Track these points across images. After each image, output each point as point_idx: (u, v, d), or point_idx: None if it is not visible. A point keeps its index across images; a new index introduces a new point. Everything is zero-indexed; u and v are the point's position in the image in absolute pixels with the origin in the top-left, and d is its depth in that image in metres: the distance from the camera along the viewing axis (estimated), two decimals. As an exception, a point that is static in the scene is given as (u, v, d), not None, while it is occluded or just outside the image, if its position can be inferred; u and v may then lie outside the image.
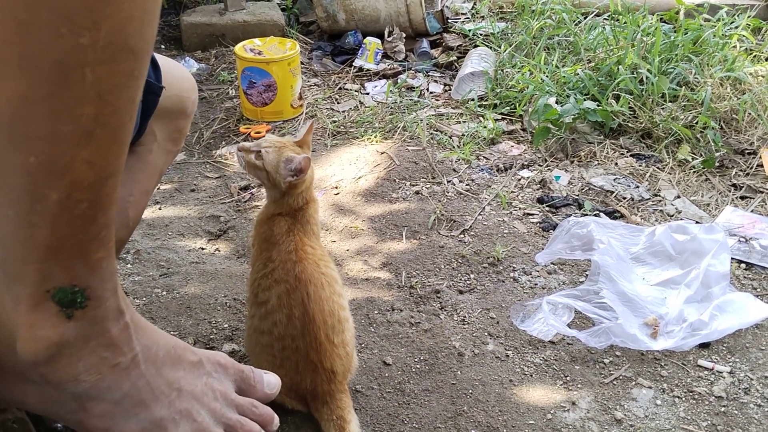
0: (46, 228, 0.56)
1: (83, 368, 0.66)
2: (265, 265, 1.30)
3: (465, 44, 3.11)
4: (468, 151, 2.28)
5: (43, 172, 0.53)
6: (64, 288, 0.61)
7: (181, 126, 1.12)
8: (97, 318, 0.65)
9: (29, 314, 0.61)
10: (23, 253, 0.58)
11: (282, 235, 1.32)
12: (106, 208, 0.59)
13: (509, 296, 1.68)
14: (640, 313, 1.56)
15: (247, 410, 0.77)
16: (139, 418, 0.69)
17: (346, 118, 2.59)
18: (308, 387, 1.28)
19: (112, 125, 0.54)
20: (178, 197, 2.13)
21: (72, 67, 0.49)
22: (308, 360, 1.26)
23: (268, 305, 1.27)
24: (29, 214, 0.55)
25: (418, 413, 1.38)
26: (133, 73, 0.53)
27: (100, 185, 0.57)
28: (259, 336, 1.29)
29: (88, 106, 0.52)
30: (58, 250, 0.58)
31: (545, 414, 1.38)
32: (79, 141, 0.53)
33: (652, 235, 1.75)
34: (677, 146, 2.27)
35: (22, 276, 0.60)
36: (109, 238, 0.61)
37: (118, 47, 0.51)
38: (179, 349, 0.74)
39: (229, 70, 2.95)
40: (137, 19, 0.50)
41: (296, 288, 1.25)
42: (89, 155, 0.54)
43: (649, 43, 2.53)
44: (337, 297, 1.30)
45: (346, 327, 1.32)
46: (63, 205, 0.55)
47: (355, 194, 2.11)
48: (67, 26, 0.47)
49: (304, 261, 1.28)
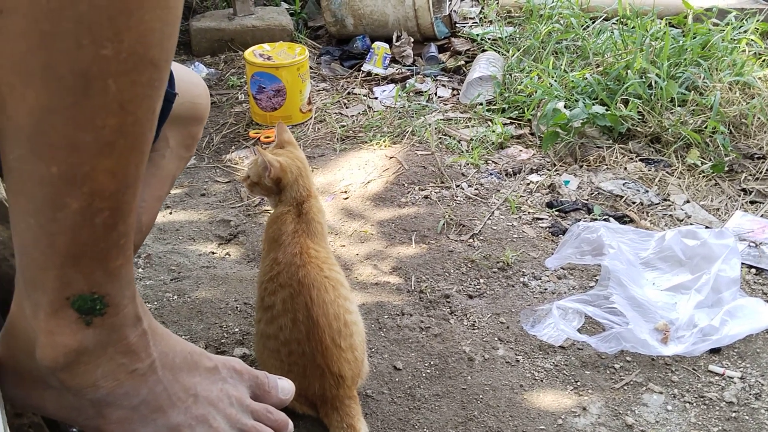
0: (66, 236, 0.57)
1: (101, 375, 0.66)
2: (272, 267, 1.32)
3: (473, 49, 3.12)
4: (477, 156, 2.29)
5: (65, 181, 0.54)
6: (83, 295, 0.61)
7: (194, 132, 1.13)
8: (115, 325, 0.65)
9: (49, 321, 0.62)
10: (43, 260, 0.59)
11: (288, 235, 1.33)
12: (126, 216, 0.60)
13: (519, 301, 1.68)
14: (651, 319, 1.56)
15: (262, 416, 0.77)
16: (156, 424, 0.70)
17: (354, 122, 2.60)
18: (317, 392, 1.28)
19: (133, 135, 0.55)
20: (188, 202, 2.14)
21: (94, 78, 0.50)
22: (315, 364, 1.26)
23: (274, 310, 1.28)
24: (50, 222, 0.56)
25: (429, 418, 1.38)
26: (153, 84, 0.54)
27: (120, 194, 0.57)
28: (266, 341, 1.30)
29: (111, 116, 0.52)
30: (78, 258, 0.59)
31: (556, 419, 1.38)
32: (101, 151, 0.53)
33: (662, 240, 1.75)
34: (686, 151, 2.27)
35: (42, 283, 0.60)
36: (128, 245, 0.62)
37: (139, 58, 0.51)
38: (195, 355, 0.74)
39: (238, 75, 2.96)
40: (158, 30, 0.51)
41: (299, 292, 1.26)
42: (110, 165, 0.55)
43: (658, 47, 2.53)
44: (343, 300, 1.31)
45: (354, 331, 1.32)
46: (84, 213, 0.56)
47: (364, 199, 2.12)
48: (89, 37, 0.48)
49: (308, 265, 1.29)
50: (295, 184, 1.38)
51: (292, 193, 1.38)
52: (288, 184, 1.37)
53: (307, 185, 1.40)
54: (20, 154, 0.53)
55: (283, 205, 1.38)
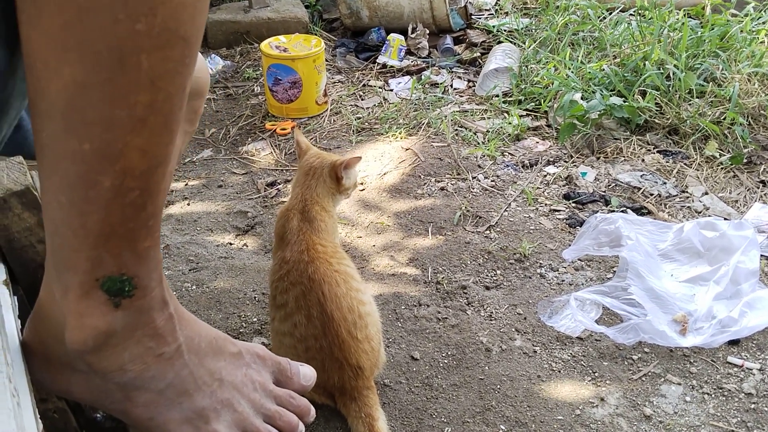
0: (98, 215, 0.57)
1: (129, 358, 0.67)
2: (281, 266, 1.33)
3: (489, 40, 3.11)
4: (493, 147, 2.28)
5: (97, 158, 0.54)
6: (113, 277, 0.61)
7: (196, 106, 1.15)
8: (143, 308, 0.65)
9: (78, 302, 0.62)
10: (74, 240, 0.59)
11: (293, 233, 1.36)
12: (155, 197, 0.60)
13: (536, 292, 1.68)
14: (669, 310, 1.56)
15: (285, 401, 0.78)
16: (182, 407, 0.70)
17: (370, 114, 2.60)
18: (336, 384, 1.29)
19: (164, 112, 0.55)
20: (206, 193, 2.15)
21: (128, 53, 0.50)
22: (333, 358, 1.27)
23: (287, 308, 1.30)
24: (82, 200, 0.56)
25: (447, 408, 1.39)
26: (184, 60, 0.54)
27: (150, 173, 0.57)
28: (282, 337, 1.31)
29: (143, 92, 0.52)
30: (109, 238, 0.59)
31: (574, 410, 1.38)
32: (134, 127, 0.53)
33: (681, 232, 1.74)
34: (704, 142, 2.26)
35: (72, 264, 0.61)
36: (156, 227, 0.62)
37: (172, 33, 0.51)
38: (220, 340, 0.75)
39: (254, 67, 2.97)
40: (191, 5, 0.51)
41: (311, 289, 1.27)
42: (142, 142, 0.55)
43: (676, 38, 2.51)
44: (355, 293, 1.32)
45: (369, 322, 1.33)
46: (115, 192, 0.56)
47: (380, 190, 2.12)
48: (124, 12, 0.48)
49: (316, 261, 1.30)
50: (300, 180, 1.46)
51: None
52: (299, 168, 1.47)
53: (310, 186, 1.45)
54: (53, 130, 0.54)
55: (289, 201, 1.44)
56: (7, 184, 0.76)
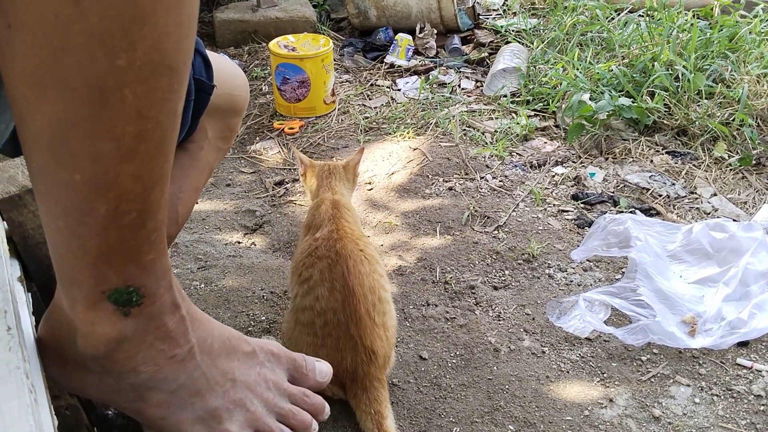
0: (96, 238, 0.57)
1: (141, 360, 0.67)
2: (309, 245, 1.37)
3: (496, 40, 3.11)
4: (501, 148, 2.28)
5: (89, 188, 0.53)
6: (119, 288, 0.61)
7: (232, 124, 1.13)
8: (153, 313, 0.66)
9: (87, 313, 0.63)
10: (75, 260, 0.59)
11: (324, 217, 1.41)
12: (155, 214, 0.59)
13: (545, 293, 1.68)
14: (678, 311, 1.55)
15: (299, 399, 0.78)
16: (194, 408, 0.71)
17: (378, 114, 2.60)
18: (348, 367, 1.29)
19: (155, 139, 0.54)
20: (214, 192, 2.16)
21: (110, 89, 0.48)
22: (349, 335, 1.28)
23: (311, 281, 1.31)
24: (79, 226, 0.56)
25: (455, 407, 1.39)
26: (172, 87, 0.52)
27: (146, 195, 0.57)
28: (301, 314, 1.32)
29: (130, 124, 0.51)
30: (110, 257, 0.59)
31: (582, 410, 1.38)
32: (124, 157, 0.52)
33: (690, 233, 1.74)
34: (713, 144, 2.25)
35: (77, 280, 0.61)
36: (160, 239, 0.62)
37: (156, 65, 0.49)
38: (233, 339, 0.75)
39: (262, 67, 2.97)
40: (174, 33, 0.49)
41: (337, 262, 1.30)
42: (134, 170, 0.54)
43: (685, 39, 2.50)
44: (378, 276, 1.34)
45: (388, 310, 1.34)
46: (111, 216, 0.55)
47: (388, 190, 2.12)
48: (102, 50, 0.47)
49: (344, 238, 1.34)
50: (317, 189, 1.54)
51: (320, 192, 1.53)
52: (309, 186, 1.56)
53: (333, 187, 1.52)
54: (42, 162, 0.53)
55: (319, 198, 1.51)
56: (22, 180, 0.76)
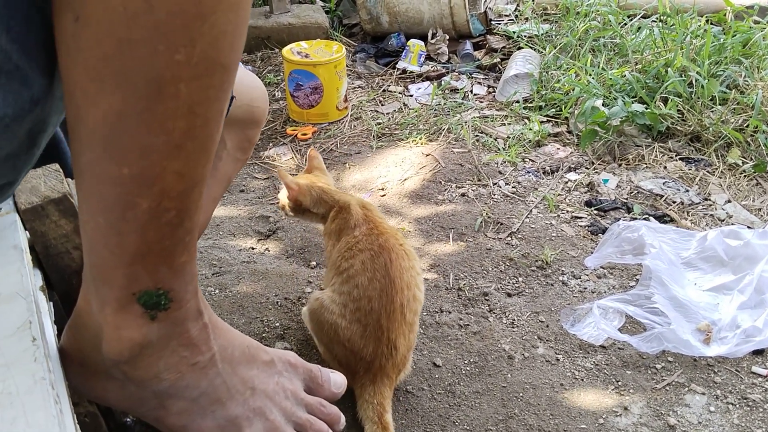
0: (135, 235, 0.58)
1: (164, 367, 0.68)
2: (348, 242, 1.38)
3: (509, 46, 3.11)
4: (514, 154, 2.28)
5: (135, 182, 0.55)
6: (149, 291, 0.63)
7: (250, 135, 1.14)
8: (178, 319, 0.67)
9: (115, 315, 0.64)
10: (112, 258, 0.60)
11: (358, 217, 1.42)
12: (192, 215, 0.61)
13: (558, 300, 1.68)
14: (693, 319, 1.55)
15: (316, 409, 0.79)
16: (215, 416, 0.72)
17: (390, 119, 2.60)
18: (367, 357, 1.30)
19: (201, 137, 0.56)
20: (228, 198, 2.17)
21: (167, 83, 0.50)
22: (378, 324, 1.28)
23: (351, 270, 1.33)
24: (120, 221, 0.57)
25: (469, 415, 1.39)
26: (223, 86, 0.54)
27: (187, 194, 0.58)
28: (337, 296, 1.33)
29: (180, 120, 0.53)
30: (145, 255, 0.60)
31: (597, 418, 1.37)
32: (171, 153, 0.54)
33: (704, 240, 1.73)
34: (727, 150, 2.25)
35: (109, 280, 0.62)
36: (192, 242, 0.63)
37: (211, 62, 0.52)
38: (253, 348, 0.76)
39: (275, 73, 2.98)
40: (230, 33, 0.52)
41: (380, 254, 1.32)
42: (179, 166, 0.56)
43: (698, 45, 2.50)
44: (416, 274, 1.36)
45: (418, 311, 1.36)
46: (152, 213, 0.57)
47: (401, 196, 2.13)
48: (164, 43, 0.48)
49: (386, 234, 1.36)
50: (319, 203, 1.50)
51: (320, 212, 1.50)
52: (310, 205, 1.50)
53: (336, 199, 1.50)
54: (93, 156, 0.54)
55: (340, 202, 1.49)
56: (45, 191, 0.77)
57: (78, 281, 0.76)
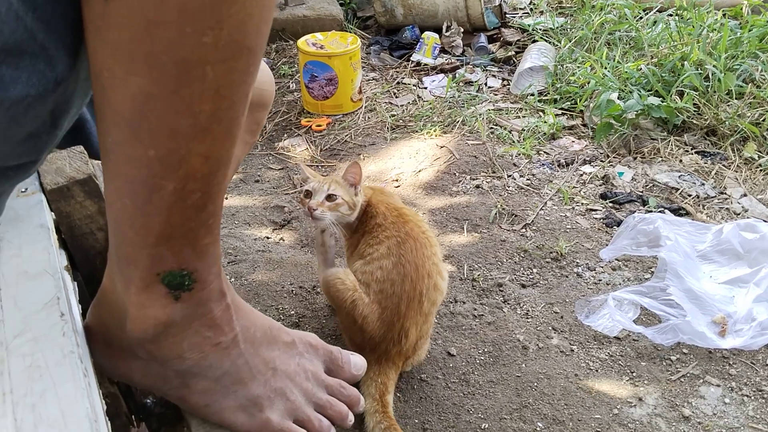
0: (160, 217, 0.58)
1: (187, 347, 0.69)
2: (373, 228, 1.40)
3: (523, 39, 3.10)
4: (528, 146, 2.28)
5: (161, 164, 0.55)
6: (173, 272, 0.63)
7: (258, 118, 1.15)
8: (202, 299, 0.67)
9: (140, 295, 0.64)
10: (137, 239, 0.61)
11: (381, 208, 1.43)
12: (216, 197, 0.61)
13: (573, 291, 1.68)
14: (708, 311, 1.54)
15: (336, 391, 0.79)
16: (237, 395, 0.72)
17: (404, 112, 2.60)
18: (377, 338, 1.31)
19: (227, 119, 0.56)
20: (243, 188, 2.18)
21: (194, 65, 0.50)
22: (397, 310, 1.30)
23: (376, 253, 1.35)
24: (145, 203, 0.58)
25: (484, 404, 1.39)
26: (248, 69, 0.55)
27: (212, 176, 0.59)
28: (359, 275, 1.34)
29: (207, 102, 0.53)
30: (170, 237, 0.60)
31: (611, 409, 1.38)
32: (197, 135, 0.55)
33: (720, 233, 1.72)
34: (743, 144, 2.23)
35: (134, 260, 0.62)
36: (216, 224, 0.64)
37: (237, 45, 0.52)
38: (274, 329, 0.76)
39: (289, 64, 2.99)
40: (256, 16, 0.52)
41: (405, 241, 1.34)
42: (205, 149, 0.56)
43: (715, 39, 2.48)
44: (438, 261, 1.38)
45: (436, 301, 1.37)
46: (178, 195, 0.57)
47: (415, 187, 2.13)
48: (192, 26, 0.49)
49: (410, 222, 1.38)
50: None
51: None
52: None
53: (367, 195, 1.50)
54: (119, 137, 0.55)
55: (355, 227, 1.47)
56: (70, 172, 0.78)
57: (102, 262, 0.77)
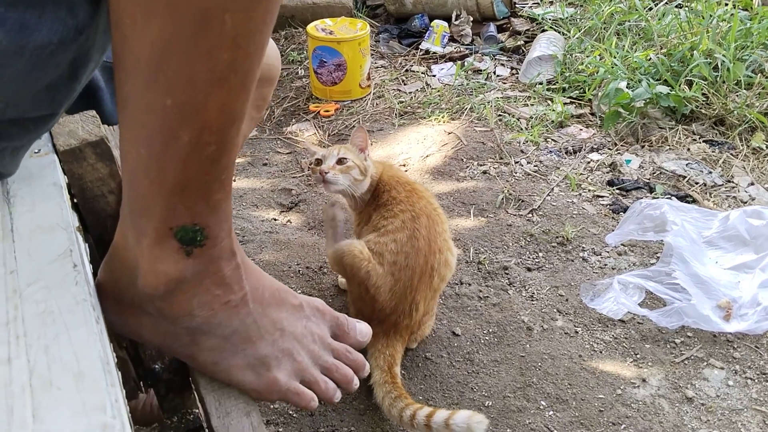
0: (175, 167, 0.59)
1: (197, 304, 0.69)
2: (387, 201, 1.41)
3: (533, 29, 3.10)
4: (536, 133, 2.28)
5: (178, 113, 0.56)
6: (186, 226, 0.64)
7: (264, 93, 1.16)
8: (212, 257, 0.68)
9: (152, 250, 0.65)
10: (152, 190, 0.61)
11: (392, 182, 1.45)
12: (229, 152, 0.62)
13: (578, 275, 1.68)
14: (713, 296, 1.55)
15: (342, 355, 0.80)
16: (245, 354, 0.73)
17: (413, 99, 2.61)
18: (387, 310, 1.33)
19: (243, 70, 0.57)
20: (251, 170, 2.19)
21: (213, 13, 0.51)
22: (410, 282, 1.32)
23: (390, 226, 1.36)
24: (162, 153, 0.58)
25: (488, 382, 1.40)
26: (265, 19, 0.55)
27: (227, 129, 0.59)
28: (373, 245, 1.36)
29: (225, 51, 0.54)
30: (184, 189, 0.61)
31: (615, 389, 1.38)
32: (214, 84, 0.55)
33: (726, 220, 1.73)
34: (751, 134, 2.23)
35: (148, 212, 0.63)
36: (228, 180, 0.64)
37: None
38: (282, 292, 0.77)
39: (298, 51, 3.00)
40: None
41: (419, 216, 1.36)
42: (220, 100, 0.56)
43: (724, 29, 2.48)
44: (448, 237, 1.40)
45: (446, 277, 1.39)
46: (193, 146, 0.58)
47: (422, 172, 2.13)
48: None
49: (423, 199, 1.41)
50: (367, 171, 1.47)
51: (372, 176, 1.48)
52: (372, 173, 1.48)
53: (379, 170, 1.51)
54: (137, 84, 0.56)
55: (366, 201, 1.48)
56: (82, 134, 0.79)
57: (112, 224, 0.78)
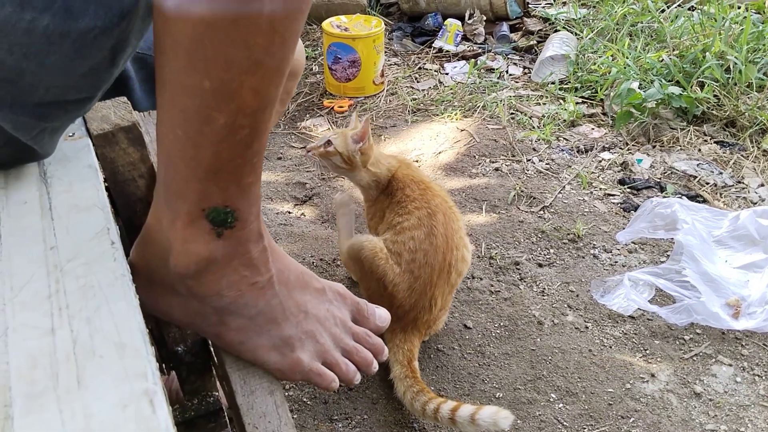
0: (210, 149, 0.61)
1: (226, 284, 0.72)
2: (402, 199, 1.42)
3: (545, 29, 3.11)
4: (548, 132, 2.30)
5: (214, 96, 0.58)
6: (217, 208, 0.66)
7: (289, 87, 1.18)
8: (242, 239, 0.70)
9: (185, 230, 0.67)
10: (186, 171, 0.64)
11: (407, 179, 1.46)
12: (261, 136, 0.64)
13: (589, 272, 1.70)
14: (723, 294, 1.57)
15: (362, 339, 0.82)
16: (270, 334, 0.75)
17: (426, 96, 2.63)
18: (407, 306, 1.35)
19: (278, 56, 0.59)
20: (266, 164, 2.21)
21: None
22: (428, 280, 1.34)
23: (406, 224, 1.38)
24: (197, 135, 0.61)
25: (498, 375, 1.42)
26: (301, 7, 0.57)
27: (260, 113, 0.61)
28: (390, 244, 1.38)
29: (262, 35, 0.56)
30: (218, 172, 0.63)
31: (624, 383, 1.40)
32: (250, 68, 0.57)
33: (736, 219, 1.74)
34: (762, 136, 2.24)
35: (182, 193, 0.65)
36: (259, 164, 0.66)
37: None
38: (306, 275, 0.79)
39: (312, 47, 3.02)
40: None
41: (435, 213, 1.38)
42: (256, 83, 0.59)
43: (737, 31, 2.49)
44: (463, 234, 1.42)
45: (462, 272, 1.41)
46: (228, 129, 0.60)
47: (435, 168, 2.16)
48: None
49: (438, 197, 1.42)
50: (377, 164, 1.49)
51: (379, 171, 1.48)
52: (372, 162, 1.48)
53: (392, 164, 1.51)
54: (176, 66, 0.58)
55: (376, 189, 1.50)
56: (115, 119, 0.81)
57: (142, 208, 0.80)
